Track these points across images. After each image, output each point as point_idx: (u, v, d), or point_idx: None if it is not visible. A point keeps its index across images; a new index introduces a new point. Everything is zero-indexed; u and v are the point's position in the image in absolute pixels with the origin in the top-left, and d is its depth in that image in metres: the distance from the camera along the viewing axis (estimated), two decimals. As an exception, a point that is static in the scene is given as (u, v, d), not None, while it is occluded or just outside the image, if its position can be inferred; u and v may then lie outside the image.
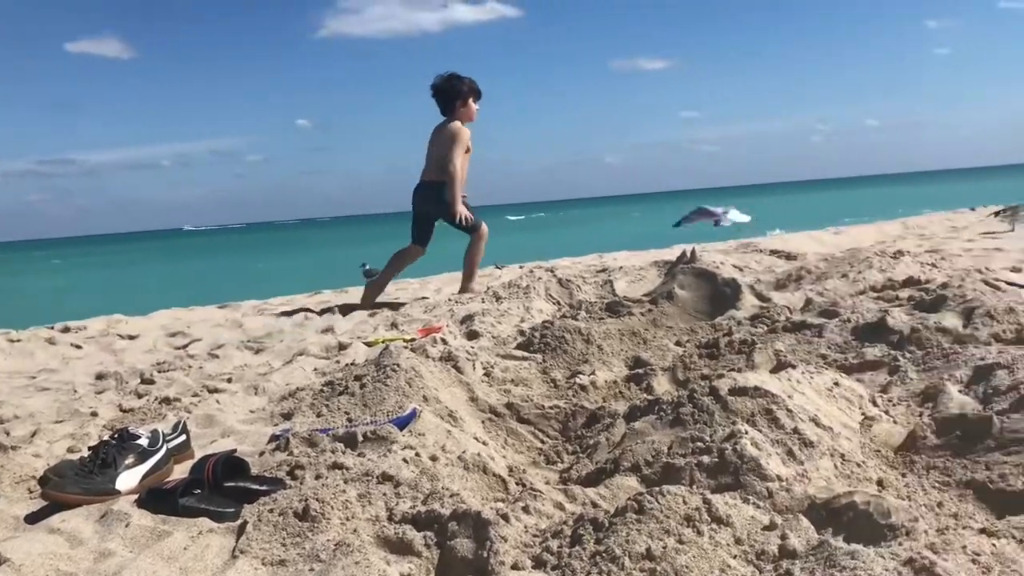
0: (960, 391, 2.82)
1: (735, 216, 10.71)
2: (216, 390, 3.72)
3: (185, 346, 5.17)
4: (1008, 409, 2.54)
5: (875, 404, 2.84)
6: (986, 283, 4.36)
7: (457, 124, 6.31)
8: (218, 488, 2.28)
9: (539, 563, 1.75)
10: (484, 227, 6.48)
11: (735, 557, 1.68)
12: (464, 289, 6.49)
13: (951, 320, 3.59)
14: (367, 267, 6.92)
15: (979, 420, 2.41)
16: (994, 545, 1.52)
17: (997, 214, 8.65)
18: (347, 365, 3.96)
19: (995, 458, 2.25)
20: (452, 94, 6.34)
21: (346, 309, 6.19)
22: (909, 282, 4.73)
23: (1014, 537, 1.58)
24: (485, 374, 3.64)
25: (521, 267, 8.14)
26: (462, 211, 6.29)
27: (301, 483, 2.27)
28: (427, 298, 6.49)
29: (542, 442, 2.99)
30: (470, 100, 6.37)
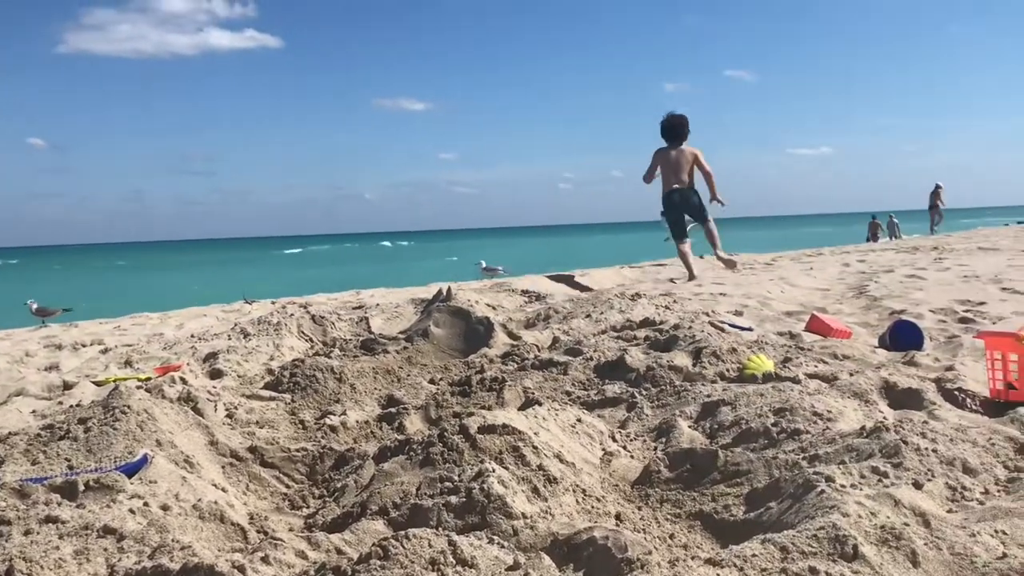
0: (690, 426, 3.01)
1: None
2: (-92, 437, 3.25)
3: None
4: (731, 443, 2.74)
5: (614, 440, 2.97)
6: (712, 325, 4.73)
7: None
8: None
9: (277, 617, 1.66)
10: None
11: (479, 599, 1.67)
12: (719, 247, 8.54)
13: (682, 359, 3.85)
14: (34, 304, 7.37)
15: (705, 454, 2.58)
16: (719, 575, 1.61)
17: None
18: (71, 407, 3.61)
19: (720, 490, 2.41)
20: (686, 127, 8.31)
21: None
22: (645, 323, 5.03)
23: (735, 565, 1.68)
24: (228, 416, 3.45)
25: (273, 303, 7.87)
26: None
27: (6, 541, 2.01)
28: (163, 334, 6.10)
29: (287, 487, 2.86)
30: None
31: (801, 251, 14.20)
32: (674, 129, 8.26)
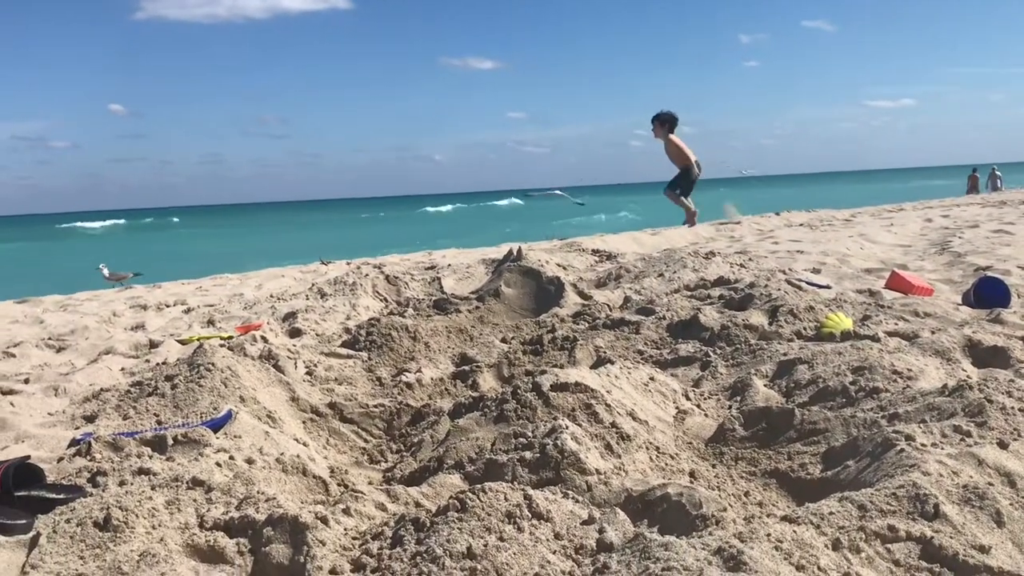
0: (765, 385, 2.98)
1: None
2: (11, 391, 3.43)
3: (-25, 344, 4.75)
4: (808, 402, 2.71)
5: (688, 398, 2.96)
6: (789, 283, 4.66)
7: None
8: (8, 498, 2.09)
9: (358, 567, 1.71)
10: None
11: (555, 552, 1.69)
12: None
13: (757, 317, 3.80)
14: (105, 270, 7.47)
15: (782, 412, 2.56)
16: (794, 532, 1.61)
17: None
18: (158, 364, 3.75)
19: (796, 448, 2.39)
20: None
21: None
22: (720, 281, 4.98)
23: (812, 523, 1.67)
24: (307, 373, 3.54)
25: (348, 263, 7.99)
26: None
27: (103, 490, 2.11)
28: (243, 295, 6.25)
29: (365, 441, 2.93)
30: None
31: (881, 207, 13.82)
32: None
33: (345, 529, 1.86)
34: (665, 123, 10.53)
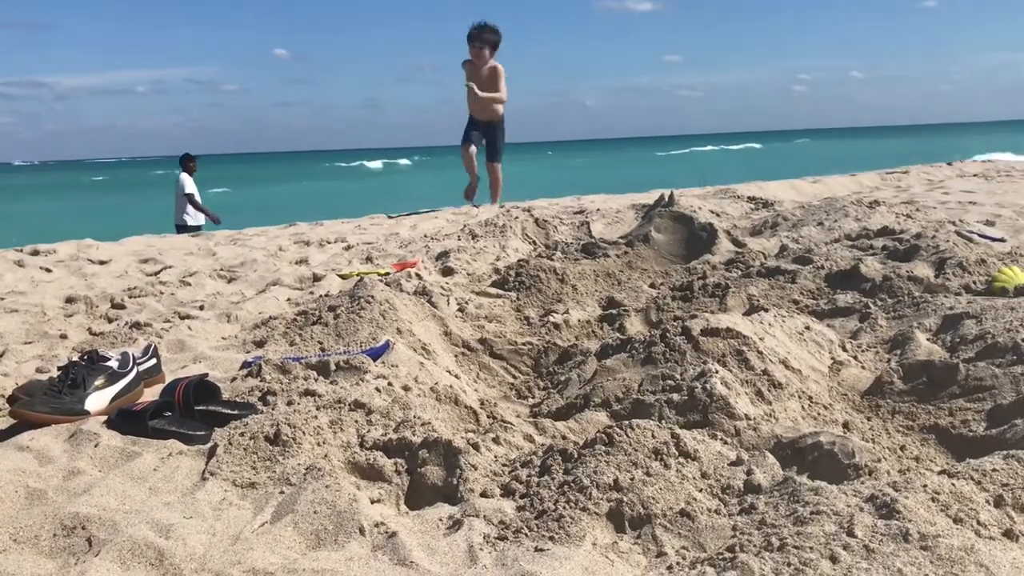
0: (928, 339, 2.86)
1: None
2: (188, 316, 3.69)
3: (157, 272, 5.12)
4: (974, 358, 2.58)
5: (844, 349, 2.88)
6: (959, 235, 4.40)
7: None
8: (189, 411, 2.27)
9: (508, 491, 1.77)
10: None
11: (701, 490, 1.70)
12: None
13: (923, 270, 3.62)
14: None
15: (945, 367, 2.45)
16: (953, 485, 1.55)
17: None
18: (321, 296, 3.94)
19: (959, 404, 2.29)
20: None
21: None
22: (883, 232, 4.76)
23: (972, 478, 1.61)
24: (459, 310, 3.64)
25: (500, 206, 8.10)
26: None
27: (273, 408, 2.26)
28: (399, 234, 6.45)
29: (514, 377, 3.00)
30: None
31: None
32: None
33: (495, 456, 1.93)
34: (497, 44, 7.97)
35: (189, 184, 11.18)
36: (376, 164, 70.43)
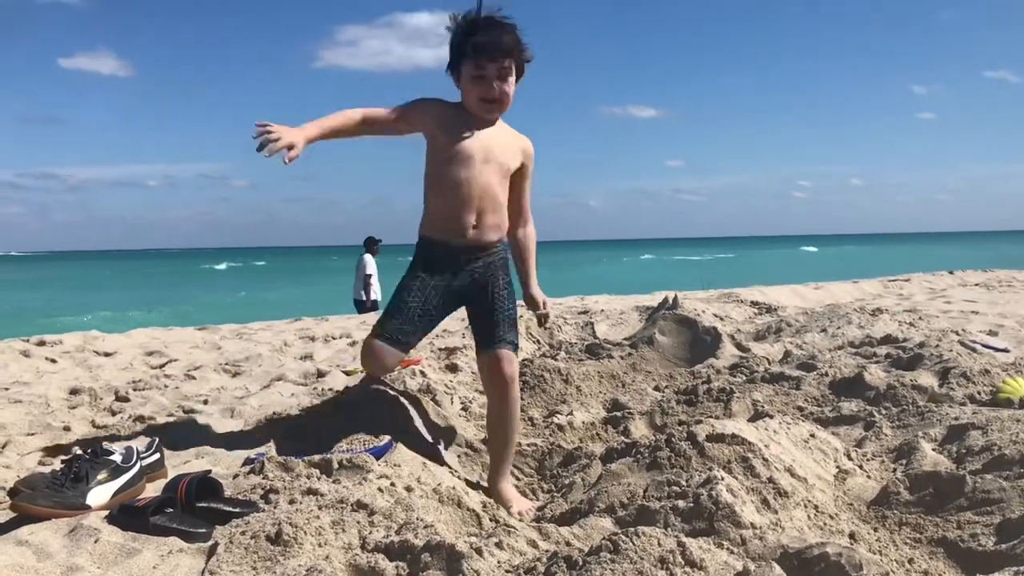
0: (934, 449, 2.85)
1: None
2: (192, 411, 3.69)
3: (162, 366, 5.13)
4: (981, 469, 2.56)
5: (850, 458, 2.86)
6: (962, 344, 4.42)
7: None
8: (190, 508, 2.25)
9: (511, 599, 1.75)
10: None
11: (707, 602, 1.68)
12: None
13: (927, 379, 3.63)
14: None
15: (952, 478, 2.43)
16: (964, 601, 1.53)
17: None
18: (324, 391, 3.95)
19: (967, 517, 2.27)
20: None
21: None
22: (887, 340, 4.78)
23: (983, 595, 1.59)
24: (463, 408, 3.64)
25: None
26: None
27: (275, 507, 2.25)
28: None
29: (517, 479, 2.98)
30: None
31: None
32: None
33: (498, 562, 1.91)
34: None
35: (371, 265, 11.73)
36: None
